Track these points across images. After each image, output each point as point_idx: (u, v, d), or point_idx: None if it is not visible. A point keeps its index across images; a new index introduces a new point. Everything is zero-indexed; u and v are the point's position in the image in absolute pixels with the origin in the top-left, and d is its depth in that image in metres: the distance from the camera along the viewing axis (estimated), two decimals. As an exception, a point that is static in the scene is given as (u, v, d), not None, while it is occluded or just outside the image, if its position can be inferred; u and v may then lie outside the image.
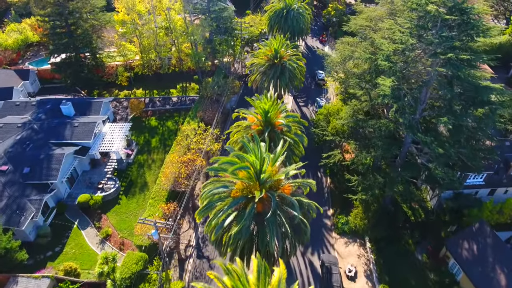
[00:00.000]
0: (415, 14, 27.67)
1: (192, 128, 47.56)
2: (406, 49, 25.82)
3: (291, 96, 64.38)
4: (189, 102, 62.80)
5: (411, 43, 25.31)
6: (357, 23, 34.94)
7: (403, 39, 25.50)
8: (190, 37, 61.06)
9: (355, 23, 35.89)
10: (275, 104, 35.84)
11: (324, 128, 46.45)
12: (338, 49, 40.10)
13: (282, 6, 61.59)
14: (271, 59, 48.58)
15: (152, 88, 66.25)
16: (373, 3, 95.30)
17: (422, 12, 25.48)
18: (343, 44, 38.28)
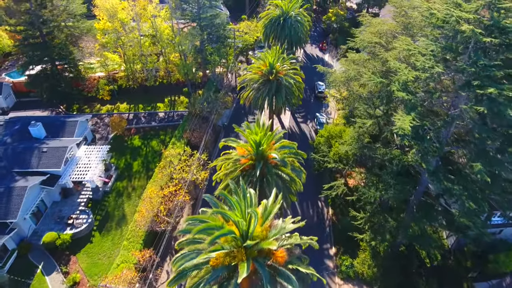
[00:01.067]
0: (438, 31, 22.38)
1: (176, 153, 42.19)
2: (431, 78, 20.56)
3: (289, 111, 59.00)
4: (177, 118, 57.41)
5: (437, 71, 20.02)
6: (364, 38, 29.69)
7: (427, 65, 20.20)
8: (177, 47, 55.67)
9: (362, 39, 30.61)
10: (268, 133, 30.44)
11: (325, 153, 41.08)
12: (342, 67, 34.74)
13: (279, 14, 56.25)
14: (266, 74, 43.21)
15: (137, 102, 60.88)
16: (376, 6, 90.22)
17: (451, 31, 20.20)
18: (347, 62, 32.92)
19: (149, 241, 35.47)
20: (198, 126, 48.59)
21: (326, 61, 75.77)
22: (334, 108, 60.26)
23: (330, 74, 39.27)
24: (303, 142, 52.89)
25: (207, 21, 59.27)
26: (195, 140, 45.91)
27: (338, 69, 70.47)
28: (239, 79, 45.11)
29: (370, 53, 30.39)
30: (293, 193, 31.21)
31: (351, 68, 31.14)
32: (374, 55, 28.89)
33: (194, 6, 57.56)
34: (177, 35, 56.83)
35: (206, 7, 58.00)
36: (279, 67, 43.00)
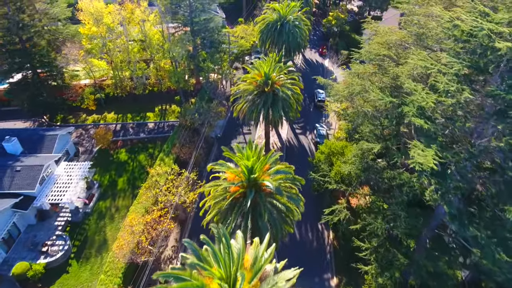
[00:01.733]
0: (460, 44, 18.82)
1: (163, 171, 38.57)
2: (457, 105, 16.99)
3: (287, 122, 55.40)
4: (168, 128, 53.82)
5: (465, 97, 16.40)
6: (371, 50, 26.11)
7: (451, 87, 16.62)
8: (166, 54, 52.09)
9: (368, 51, 27.00)
10: (262, 158, 26.86)
11: (326, 172, 37.48)
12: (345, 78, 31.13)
13: (276, 18, 52.75)
14: (261, 85, 39.63)
15: (126, 112, 57.27)
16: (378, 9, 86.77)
17: (479, 47, 16.64)
18: (351, 76, 29.31)
19: (129, 274, 31.85)
20: (188, 140, 44.99)
21: (326, 67, 72.26)
22: (334, 118, 56.74)
23: (331, 87, 35.68)
24: (302, 156, 49.35)
25: (200, 25, 55.81)
26: (184, 156, 42.27)
27: (339, 75, 67.30)
28: (232, 90, 41.49)
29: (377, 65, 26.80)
30: (290, 223, 27.60)
31: (355, 82, 27.56)
32: (382, 69, 25.35)
33: (186, 10, 54.04)
34: (167, 41, 53.25)
35: (199, 10, 54.46)
36: (275, 77, 39.43)
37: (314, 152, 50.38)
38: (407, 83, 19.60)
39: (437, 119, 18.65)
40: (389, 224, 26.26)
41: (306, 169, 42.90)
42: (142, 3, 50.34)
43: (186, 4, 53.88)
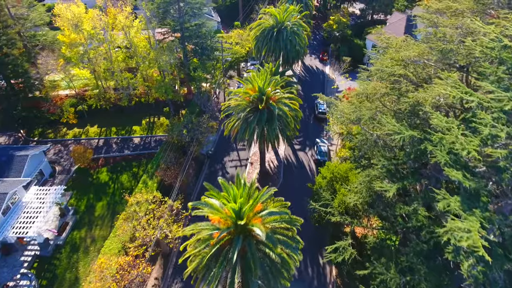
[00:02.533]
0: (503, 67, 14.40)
1: (144, 199, 34.04)
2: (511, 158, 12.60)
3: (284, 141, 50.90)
4: (155, 144, 49.34)
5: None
6: (383, 68, 21.37)
7: (501, 134, 12.22)
8: (152, 64, 47.61)
9: (380, 69, 22.33)
10: (252, 200, 22.37)
11: (328, 201, 32.95)
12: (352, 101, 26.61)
13: (272, 24, 48.29)
14: (254, 101, 35.15)
15: (110, 125, 52.82)
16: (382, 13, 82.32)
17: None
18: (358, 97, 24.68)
19: (99, 326, 27.31)
20: (175, 160, 40.47)
21: (327, 75, 67.78)
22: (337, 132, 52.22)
23: (333, 106, 31.14)
24: (301, 176, 44.85)
25: (191, 31, 51.44)
26: (169, 181, 37.72)
27: (341, 84, 62.72)
28: (223, 106, 36.98)
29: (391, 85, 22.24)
30: (287, 276, 23.05)
31: (364, 106, 23.04)
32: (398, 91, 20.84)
33: (175, 14, 49.61)
34: (154, 49, 48.77)
35: (189, 15, 50.05)
36: (270, 92, 34.92)
37: (314, 170, 45.94)
38: (435, 118, 15.14)
39: (477, 167, 14.25)
40: (405, 278, 21.71)
41: (305, 192, 38.50)
42: (125, 8, 45.84)
43: (175, 8, 49.50)
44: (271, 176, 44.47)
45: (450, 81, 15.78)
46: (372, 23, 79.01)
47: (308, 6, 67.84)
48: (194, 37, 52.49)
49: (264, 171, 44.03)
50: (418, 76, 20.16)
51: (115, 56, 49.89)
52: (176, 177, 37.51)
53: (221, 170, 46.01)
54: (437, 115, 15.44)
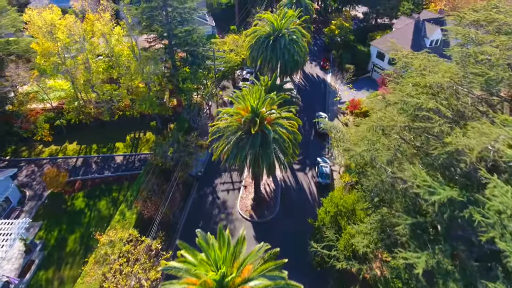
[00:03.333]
0: None
1: (118, 238, 29.25)
2: None
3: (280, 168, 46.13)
4: (139, 164, 44.61)
5: None
6: (407, 99, 16.47)
7: None
8: (135, 76, 42.87)
9: (402, 100, 17.31)
10: (238, 257, 17.60)
11: (332, 242, 28.17)
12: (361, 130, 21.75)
13: (269, 31, 43.57)
14: (247, 123, 30.40)
15: (90, 142, 48.06)
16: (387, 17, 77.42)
17: None
18: (368, 128, 19.74)
19: None
20: (157, 188, 35.69)
21: (329, 84, 63.06)
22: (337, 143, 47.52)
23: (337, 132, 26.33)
24: (300, 202, 40.09)
25: (180, 38, 46.80)
26: (149, 214, 32.91)
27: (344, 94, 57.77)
28: (211, 129, 32.15)
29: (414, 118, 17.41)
30: None
31: (380, 141, 18.21)
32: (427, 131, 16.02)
33: (162, 21, 44.96)
34: (138, 58, 44.01)
35: (177, 21, 45.40)
36: (265, 112, 30.17)
37: (315, 195, 41.17)
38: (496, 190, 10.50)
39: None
40: None
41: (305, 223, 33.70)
42: (104, 13, 41.12)
43: (162, 14, 44.83)
44: (267, 202, 39.69)
45: (508, 128, 11.11)
46: (376, 28, 74.42)
47: (308, 10, 63.22)
48: (183, 45, 47.91)
49: (259, 196, 39.27)
50: (452, 108, 15.50)
51: (95, 66, 45.19)
52: (157, 209, 32.70)
53: (211, 195, 41.21)
54: (497, 184, 10.75)
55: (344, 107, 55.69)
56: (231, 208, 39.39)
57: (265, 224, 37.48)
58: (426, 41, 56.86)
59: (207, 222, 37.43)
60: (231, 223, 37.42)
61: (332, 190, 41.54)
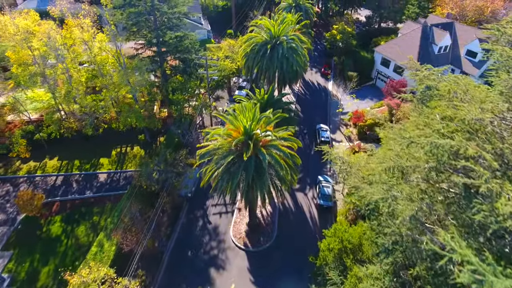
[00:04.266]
0: None
1: (91, 279, 25.55)
2: None
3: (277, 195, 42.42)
4: (124, 182, 40.97)
5: None
6: (437, 141, 12.73)
7: None
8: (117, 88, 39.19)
9: (431, 143, 13.54)
10: None
11: (337, 286, 24.47)
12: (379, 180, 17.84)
13: (265, 39, 39.93)
14: (239, 145, 26.75)
15: (73, 157, 44.41)
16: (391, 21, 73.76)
17: None
18: (383, 168, 15.82)
19: None
20: (140, 215, 31.98)
21: (330, 92, 59.42)
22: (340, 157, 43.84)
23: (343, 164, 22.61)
24: (299, 226, 36.42)
25: (170, 45, 43.27)
26: (129, 247, 29.19)
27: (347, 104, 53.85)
28: (198, 152, 28.38)
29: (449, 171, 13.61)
30: None
31: (398, 187, 14.42)
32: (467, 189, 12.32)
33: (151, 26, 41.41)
34: (123, 68, 40.36)
35: (166, 27, 41.84)
36: (259, 134, 26.49)
37: (316, 219, 37.49)
38: None
39: None
40: None
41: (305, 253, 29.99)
42: (84, 19, 37.48)
43: (150, 19, 41.23)
44: (263, 227, 36.00)
45: None
46: (379, 32, 70.85)
47: (308, 14, 59.63)
48: (173, 52, 44.35)
49: (254, 222, 35.57)
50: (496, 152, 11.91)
51: (77, 76, 41.54)
52: (138, 241, 29.00)
53: (201, 218, 37.52)
54: None
55: (347, 118, 52.08)
56: (224, 234, 35.73)
57: (261, 253, 33.80)
58: (434, 48, 53.26)
59: (197, 251, 33.73)
60: (222, 253, 33.74)
61: (335, 212, 38.00)
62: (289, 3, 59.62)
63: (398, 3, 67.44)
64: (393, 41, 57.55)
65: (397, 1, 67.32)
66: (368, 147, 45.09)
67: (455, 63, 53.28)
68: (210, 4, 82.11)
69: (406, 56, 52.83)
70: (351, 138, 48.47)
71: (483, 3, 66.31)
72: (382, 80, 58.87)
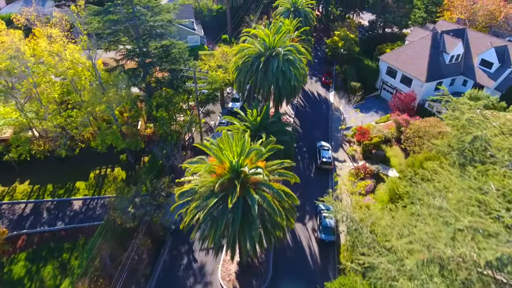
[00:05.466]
0: None
1: None
2: None
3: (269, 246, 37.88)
4: (101, 211, 36.50)
5: None
6: None
7: None
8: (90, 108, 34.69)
9: (492, 249, 9.35)
10: None
11: None
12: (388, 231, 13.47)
13: (259, 50, 35.41)
14: (225, 185, 22.23)
15: (46, 180, 40.04)
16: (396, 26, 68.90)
17: None
18: (415, 262, 11.44)
19: None
20: (110, 261, 27.46)
21: (331, 104, 54.91)
22: (346, 189, 39.32)
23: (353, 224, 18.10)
24: (297, 265, 31.86)
25: (154, 56, 38.90)
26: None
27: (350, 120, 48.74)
28: (177, 192, 23.81)
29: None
30: None
31: (433, 279, 10.14)
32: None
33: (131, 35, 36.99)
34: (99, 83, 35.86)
35: (148, 36, 37.42)
36: (247, 172, 21.96)
37: (317, 256, 32.95)
38: None
39: None
40: None
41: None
42: (51, 30, 32.99)
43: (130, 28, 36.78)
44: (255, 268, 31.46)
45: None
46: (384, 37, 66.36)
47: (308, 19, 55.12)
48: (158, 63, 39.93)
49: (246, 261, 31.00)
50: None
51: (49, 91, 37.08)
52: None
53: (186, 256, 33.01)
54: None
55: (350, 134, 47.58)
56: (211, 275, 31.23)
57: (253, 300, 29.32)
58: (445, 57, 48.79)
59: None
60: (209, 300, 29.26)
61: (338, 247, 33.51)
62: (287, 7, 55.15)
63: (403, 7, 62.94)
64: (400, 49, 53.06)
65: (403, 5, 62.81)
66: (374, 168, 40.71)
67: (468, 73, 48.79)
68: (204, 7, 77.67)
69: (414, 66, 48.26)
70: (355, 157, 43.98)
71: (495, 7, 61.87)
72: (388, 91, 54.40)
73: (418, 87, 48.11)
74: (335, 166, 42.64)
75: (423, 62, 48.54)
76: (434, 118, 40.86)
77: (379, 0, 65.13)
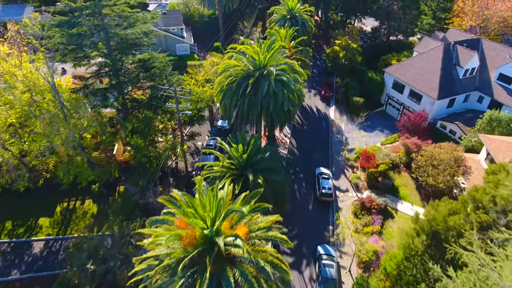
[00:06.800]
0: None
1: None
2: None
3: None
4: (65, 256, 31.22)
5: None
6: None
7: None
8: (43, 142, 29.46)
9: None
10: None
11: None
12: None
13: (248, 70, 30.22)
14: (195, 258, 17.08)
15: (5, 217, 34.86)
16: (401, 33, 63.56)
17: None
18: None
19: None
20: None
21: (332, 121, 49.73)
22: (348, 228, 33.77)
23: None
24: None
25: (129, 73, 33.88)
26: None
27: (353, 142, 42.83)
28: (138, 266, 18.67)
29: None
30: None
31: None
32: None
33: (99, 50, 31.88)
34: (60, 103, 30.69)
35: (120, 51, 32.31)
36: (222, 246, 16.73)
37: (315, 314, 27.78)
38: None
39: None
40: None
41: None
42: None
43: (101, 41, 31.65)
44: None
45: None
46: (388, 46, 61.32)
47: (306, 28, 50.06)
48: (133, 82, 34.78)
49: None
50: None
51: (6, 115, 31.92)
52: None
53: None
54: None
55: (353, 157, 42.45)
56: None
57: None
58: (459, 71, 43.75)
59: None
60: None
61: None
62: (283, 14, 50.07)
63: (410, 13, 57.90)
64: (407, 61, 47.95)
65: (409, 11, 57.77)
66: (381, 202, 35.53)
67: (483, 89, 43.73)
68: (195, 13, 72.54)
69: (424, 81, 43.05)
70: (358, 186, 38.85)
71: (510, 13, 56.84)
72: (394, 106, 49.32)
73: (429, 105, 43.00)
74: (336, 197, 37.50)
75: (434, 77, 43.45)
76: (449, 144, 35.76)
77: (383, 6, 60.10)
